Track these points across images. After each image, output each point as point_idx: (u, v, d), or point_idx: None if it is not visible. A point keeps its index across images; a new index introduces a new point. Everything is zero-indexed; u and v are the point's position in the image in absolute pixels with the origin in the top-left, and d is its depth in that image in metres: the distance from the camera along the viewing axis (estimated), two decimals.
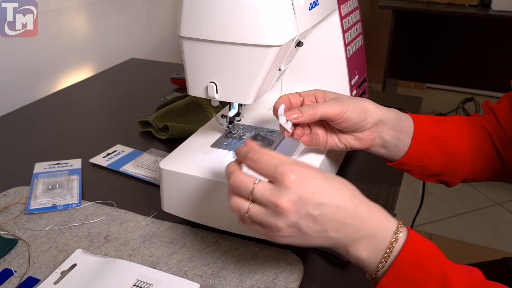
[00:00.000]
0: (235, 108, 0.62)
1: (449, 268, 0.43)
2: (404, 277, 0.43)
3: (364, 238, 0.44)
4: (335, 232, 0.44)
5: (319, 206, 0.43)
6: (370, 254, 0.44)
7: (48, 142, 0.89)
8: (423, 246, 0.44)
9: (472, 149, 0.66)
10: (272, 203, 0.43)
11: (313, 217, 0.43)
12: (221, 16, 0.51)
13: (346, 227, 0.44)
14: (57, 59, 1.25)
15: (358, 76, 0.81)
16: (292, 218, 0.43)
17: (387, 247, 0.44)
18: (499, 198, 2.14)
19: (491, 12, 1.95)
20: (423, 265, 0.43)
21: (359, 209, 0.45)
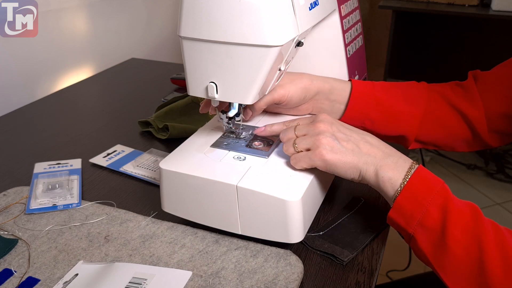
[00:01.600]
0: (235, 108, 0.62)
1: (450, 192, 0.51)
2: (415, 194, 0.51)
3: (390, 161, 0.54)
4: (366, 151, 0.55)
5: (348, 130, 0.57)
6: (395, 174, 0.53)
7: (48, 142, 0.89)
8: (431, 174, 0.53)
9: (422, 113, 0.70)
10: (312, 126, 0.57)
11: (345, 135, 0.56)
12: (221, 16, 0.51)
13: (374, 149, 0.55)
14: (57, 59, 1.25)
15: (358, 76, 0.81)
16: (329, 131, 0.55)
17: (407, 169, 0.53)
18: (499, 198, 2.14)
19: (491, 12, 1.96)
20: (430, 185, 0.51)
21: (382, 141, 0.57)
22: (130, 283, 0.52)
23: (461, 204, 0.50)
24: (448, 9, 2.05)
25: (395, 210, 0.52)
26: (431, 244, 0.50)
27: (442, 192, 0.50)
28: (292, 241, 0.56)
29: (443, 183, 0.52)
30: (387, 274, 1.59)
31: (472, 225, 0.48)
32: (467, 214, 0.49)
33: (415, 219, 0.50)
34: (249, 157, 0.61)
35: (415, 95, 0.70)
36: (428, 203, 0.50)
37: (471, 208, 0.50)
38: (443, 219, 0.49)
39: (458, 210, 0.49)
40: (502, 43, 2.27)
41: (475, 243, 0.47)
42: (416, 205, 0.50)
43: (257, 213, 0.56)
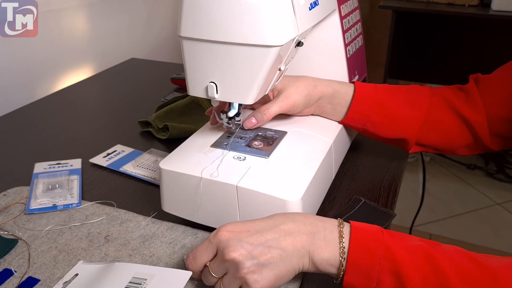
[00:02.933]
0: (235, 108, 0.62)
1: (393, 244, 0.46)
2: (361, 268, 0.45)
3: (318, 240, 0.47)
4: (291, 247, 0.46)
5: (259, 235, 0.46)
6: (330, 254, 0.47)
7: (48, 142, 0.89)
8: (366, 232, 0.47)
9: (424, 116, 0.69)
10: (224, 262, 0.46)
11: (262, 248, 0.46)
12: (221, 16, 0.51)
13: (297, 238, 0.47)
14: (57, 59, 1.25)
15: (358, 76, 0.81)
16: (246, 263, 0.45)
17: (339, 241, 0.47)
18: (499, 198, 2.14)
19: (491, 12, 1.95)
20: (371, 250, 0.45)
21: (297, 219, 0.48)
22: (130, 283, 0.52)
23: (408, 255, 0.45)
24: (448, 9, 2.05)
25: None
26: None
27: (386, 253, 0.45)
28: None
29: (381, 238, 0.46)
30: None
31: (431, 273, 0.44)
32: (420, 264, 0.45)
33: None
34: (249, 157, 0.61)
35: (417, 99, 0.70)
36: (378, 273, 0.45)
37: (422, 253, 0.45)
38: (399, 283, 0.45)
39: (410, 266, 0.44)
40: (502, 43, 2.27)
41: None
42: (367, 280, 0.45)
43: (257, 213, 0.56)
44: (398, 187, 0.74)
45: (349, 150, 0.80)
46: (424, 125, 0.69)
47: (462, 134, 0.70)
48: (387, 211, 0.64)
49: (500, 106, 0.67)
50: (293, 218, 0.48)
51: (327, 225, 0.48)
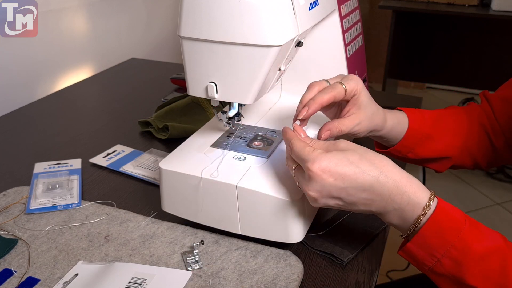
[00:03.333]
0: (235, 108, 0.62)
1: (470, 237, 0.46)
2: (427, 244, 0.47)
3: (394, 211, 0.49)
4: (364, 206, 0.49)
5: (343, 190, 0.48)
6: (400, 223, 0.49)
7: (48, 142, 0.89)
8: (448, 220, 0.47)
9: (461, 144, 0.70)
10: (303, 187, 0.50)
11: (339, 198, 0.49)
12: (221, 16, 0.51)
13: (374, 203, 0.49)
14: (57, 59, 1.25)
15: (358, 76, 0.81)
16: (322, 201, 0.49)
17: (415, 220, 0.48)
18: (499, 198, 2.14)
19: (491, 12, 1.95)
20: (445, 237, 0.46)
21: (387, 186, 0.48)
22: (130, 283, 0.52)
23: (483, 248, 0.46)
24: (448, 9, 2.05)
25: (404, 252, 0.49)
26: (447, 285, 0.48)
27: (459, 244, 0.46)
28: (292, 241, 0.56)
29: (463, 230, 0.46)
30: (387, 274, 1.59)
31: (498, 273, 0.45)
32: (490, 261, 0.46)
33: (426, 266, 0.48)
34: (249, 157, 0.61)
35: (457, 126, 0.71)
36: (442, 255, 0.46)
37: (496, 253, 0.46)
38: (458, 271, 0.46)
39: (479, 258, 0.46)
40: (502, 43, 2.27)
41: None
42: (428, 256, 0.47)
43: (257, 213, 0.56)
44: None
45: None
46: (462, 148, 0.71)
47: (488, 153, 0.72)
48: None
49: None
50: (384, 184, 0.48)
51: (411, 201, 0.48)
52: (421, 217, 0.47)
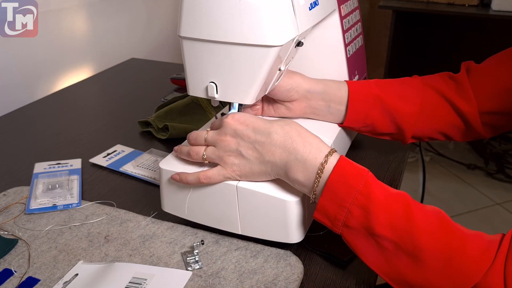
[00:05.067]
0: (235, 108, 0.62)
1: (373, 184, 0.49)
2: (335, 194, 0.49)
3: (296, 161, 0.51)
4: (269, 156, 0.53)
5: (252, 134, 0.54)
6: (305, 176, 0.51)
7: (48, 142, 0.89)
8: (351, 168, 0.50)
9: (419, 110, 0.70)
10: (217, 138, 0.56)
11: (249, 144, 0.53)
12: (221, 16, 0.51)
13: (278, 151, 0.52)
14: (57, 59, 1.25)
15: (358, 76, 0.81)
16: (233, 147, 0.54)
17: (318, 168, 0.50)
18: (499, 198, 2.14)
19: (491, 12, 1.95)
20: (350, 183, 0.49)
21: (290, 134, 0.53)
22: (130, 283, 0.52)
23: (385, 197, 0.48)
24: (448, 9, 2.05)
25: (318, 211, 0.51)
26: (360, 242, 0.50)
27: (364, 189, 0.48)
28: (292, 241, 0.56)
29: (366, 175, 0.49)
30: None
31: (401, 217, 0.47)
32: (394, 207, 0.48)
33: (339, 220, 0.50)
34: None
35: (411, 92, 0.70)
36: (350, 204, 0.48)
37: (401, 200, 0.48)
38: (366, 219, 0.48)
39: (383, 206, 0.48)
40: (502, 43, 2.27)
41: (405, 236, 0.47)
42: (338, 206, 0.49)
43: (257, 213, 0.56)
44: (398, 187, 0.74)
45: (349, 150, 0.80)
46: (419, 117, 0.70)
47: (455, 122, 0.71)
48: None
49: (490, 99, 0.67)
50: (287, 132, 0.53)
51: (313, 150, 0.52)
52: (323, 165, 0.50)
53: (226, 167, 0.55)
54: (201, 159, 0.57)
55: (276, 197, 0.54)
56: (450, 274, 0.45)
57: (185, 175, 0.57)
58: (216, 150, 0.56)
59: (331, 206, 0.50)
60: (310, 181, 0.51)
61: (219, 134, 0.56)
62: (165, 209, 0.63)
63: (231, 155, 0.54)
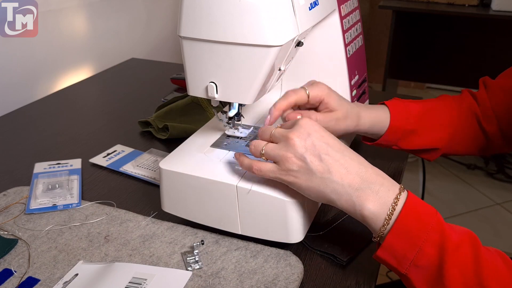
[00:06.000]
0: (235, 108, 0.62)
1: (445, 224, 0.46)
2: (407, 230, 0.45)
3: (368, 190, 0.47)
4: (338, 177, 0.48)
5: (325, 146, 0.49)
6: (376, 207, 0.47)
7: (48, 142, 0.89)
8: (422, 204, 0.47)
9: (450, 136, 0.70)
10: (284, 136, 0.50)
11: (319, 154, 0.48)
12: (221, 16, 0.51)
13: (350, 175, 0.48)
14: (57, 59, 1.25)
15: (358, 76, 0.81)
16: (300, 150, 0.49)
17: (392, 201, 0.46)
18: (499, 198, 2.14)
19: (491, 12, 1.95)
20: (423, 220, 0.45)
21: (364, 164, 0.49)
22: (130, 283, 0.52)
23: (457, 236, 0.45)
24: (448, 9, 2.05)
25: (384, 249, 0.47)
26: (426, 284, 0.45)
27: (437, 226, 0.45)
28: (292, 241, 0.56)
29: (436, 213, 0.46)
30: (387, 274, 1.59)
31: (472, 262, 0.44)
32: (466, 249, 0.44)
33: (408, 259, 0.45)
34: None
35: (446, 119, 0.71)
36: (422, 242, 0.44)
37: (469, 241, 0.45)
38: (440, 258, 0.44)
39: (456, 247, 0.44)
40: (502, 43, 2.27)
41: (475, 282, 0.43)
42: (409, 245, 0.45)
43: (257, 213, 0.56)
44: None
45: None
46: (449, 142, 0.71)
47: (480, 142, 0.73)
48: None
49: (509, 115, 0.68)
50: (362, 161, 0.50)
51: (387, 183, 0.48)
52: (398, 197, 0.46)
53: (283, 168, 0.50)
54: (259, 154, 0.52)
55: (276, 197, 0.54)
56: None
57: (242, 158, 0.54)
58: (278, 147, 0.51)
59: (400, 244, 0.45)
60: (382, 214, 0.46)
61: (288, 132, 0.50)
62: (165, 209, 0.63)
63: (293, 158, 0.49)
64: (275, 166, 0.51)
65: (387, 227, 0.46)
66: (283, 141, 0.50)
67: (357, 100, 0.80)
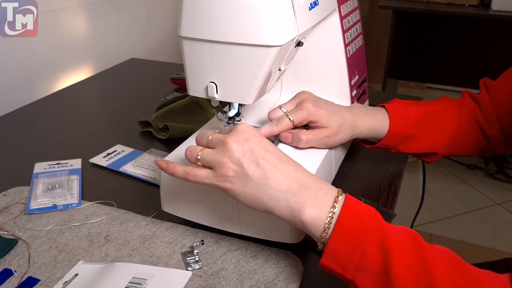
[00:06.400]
0: (235, 108, 0.62)
1: (385, 223, 0.45)
2: (348, 233, 0.44)
3: (306, 194, 0.46)
4: (275, 183, 0.47)
5: (263, 152, 0.48)
6: (315, 212, 0.46)
7: (48, 142, 0.89)
8: (360, 205, 0.46)
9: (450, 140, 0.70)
10: (222, 141, 0.49)
11: (256, 160, 0.47)
12: (221, 16, 0.51)
13: (287, 181, 0.47)
14: (57, 59, 1.25)
15: (358, 76, 0.81)
16: (237, 155, 0.47)
17: (331, 204, 0.46)
18: (499, 198, 2.14)
19: (491, 12, 1.95)
20: (363, 220, 0.44)
21: (301, 170, 0.49)
22: (130, 283, 0.52)
23: (398, 235, 0.44)
24: (448, 9, 2.05)
25: (327, 256, 0.45)
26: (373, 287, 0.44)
27: (377, 226, 0.44)
28: (292, 241, 0.56)
29: (376, 213, 0.46)
30: None
31: (417, 260, 0.43)
32: (409, 248, 0.43)
33: (352, 263, 0.44)
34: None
35: (446, 124, 0.70)
36: (364, 243, 0.43)
37: (410, 239, 0.44)
38: (384, 259, 0.43)
39: (399, 246, 0.43)
40: (502, 43, 2.27)
41: (423, 281, 0.42)
42: (351, 247, 0.44)
43: (257, 213, 0.55)
44: (398, 187, 0.74)
45: (349, 150, 0.80)
46: (449, 146, 0.71)
47: (480, 144, 0.72)
48: (387, 211, 0.65)
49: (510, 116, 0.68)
50: (300, 167, 0.49)
51: (324, 187, 0.48)
52: (337, 200, 0.46)
53: (219, 173, 0.48)
54: (194, 160, 0.50)
55: None
56: None
57: (173, 165, 0.51)
58: (214, 153, 0.49)
59: (342, 247, 0.44)
60: (322, 219, 0.45)
61: (225, 137, 0.49)
62: (165, 209, 0.63)
63: (229, 163, 0.47)
64: (210, 172, 0.49)
65: (328, 232, 0.45)
66: (220, 146, 0.49)
67: (357, 100, 0.80)
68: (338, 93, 0.74)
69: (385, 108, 0.69)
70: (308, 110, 0.62)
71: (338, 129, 0.64)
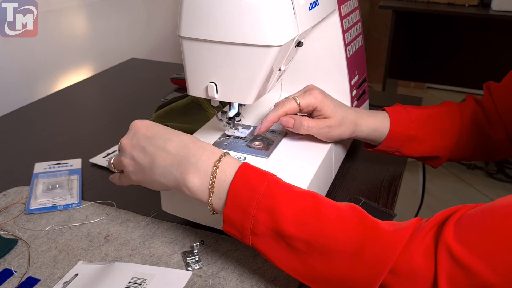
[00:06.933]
0: (235, 108, 0.62)
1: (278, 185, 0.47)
2: (239, 201, 0.46)
3: (188, 163, 0.49)
4: (161, 161, 0.50)
5: (148, 139, 0.52)
6: (197, 178, 0.48)
7: (48, 142, 0.89)
8: (254, 171, 0.48)
9: (452, 144, 0.70)
10: (120, 143, 0.54)
11: (143, 148, 0.51)
12: (221, 16, 0.51)
13: (170, 156, 0.50)
14: (57, 59, 1.25)
15: (358, 76, 0.81)
16: (128, 150, 0.53)
17: (212, 169, 0.48)
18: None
19: (491, 12, 1.95)
20: (253, 187, 0.46)
21: (185, 141, 0.51)
22: (130, 283, 0.52)
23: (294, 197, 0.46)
24: (448, 9, 2.05)
25: (225, 223, 0.48)
26: (272, 249, 0.46)
27: (268, 192, 0.45)
28: None
29: (270, 178, 0.47)
30: None
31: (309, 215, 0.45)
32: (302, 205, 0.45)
33: (247, 230, 0.46)
34: (249, 157, 0.61)
35: (449, 128, 0.70)
36: (254, 209, 0.45)
37: (310, 197, 0.46)
38: (272, 221, 0.45)
39: (289, 206, 0.45)
40: (502, 43, 2.27)
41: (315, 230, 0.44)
42: (243, 214, 0.46)
43: None
44: (398, 187, 0.74)
45: (349, 150, 0.80)
46: (452, 150, 0.71)
47: (484, 147, 0.72)
48: (387, 211, 0.65)
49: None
50: (182, 139, 0.51)
51: (207, 153, 0.49)
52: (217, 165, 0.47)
53: (125, 172, 0.55)
54: (112, 168, 0.58)
55: None
56: (366, 259, 0.42)
57: (112, 176, 0.59)
58: (118, 156, 0.56)
59: (236, 215, 0.46)
60: (205, 184, 0.48)
61: (122, 138, 0.55)
62: (165, 209, 0.63)
63: (126, 160, 0.53)
64: (121, 174, 0.56)
65: (214, 197, 0.48)
66: (120, 147, 0.55)
67: (357, 100, 0.80)
68: (338, 93, 0.74)
69: (386, 111, 0.69)
70: (315, 96, 0.64)
71: (340, 122, 0.65)
